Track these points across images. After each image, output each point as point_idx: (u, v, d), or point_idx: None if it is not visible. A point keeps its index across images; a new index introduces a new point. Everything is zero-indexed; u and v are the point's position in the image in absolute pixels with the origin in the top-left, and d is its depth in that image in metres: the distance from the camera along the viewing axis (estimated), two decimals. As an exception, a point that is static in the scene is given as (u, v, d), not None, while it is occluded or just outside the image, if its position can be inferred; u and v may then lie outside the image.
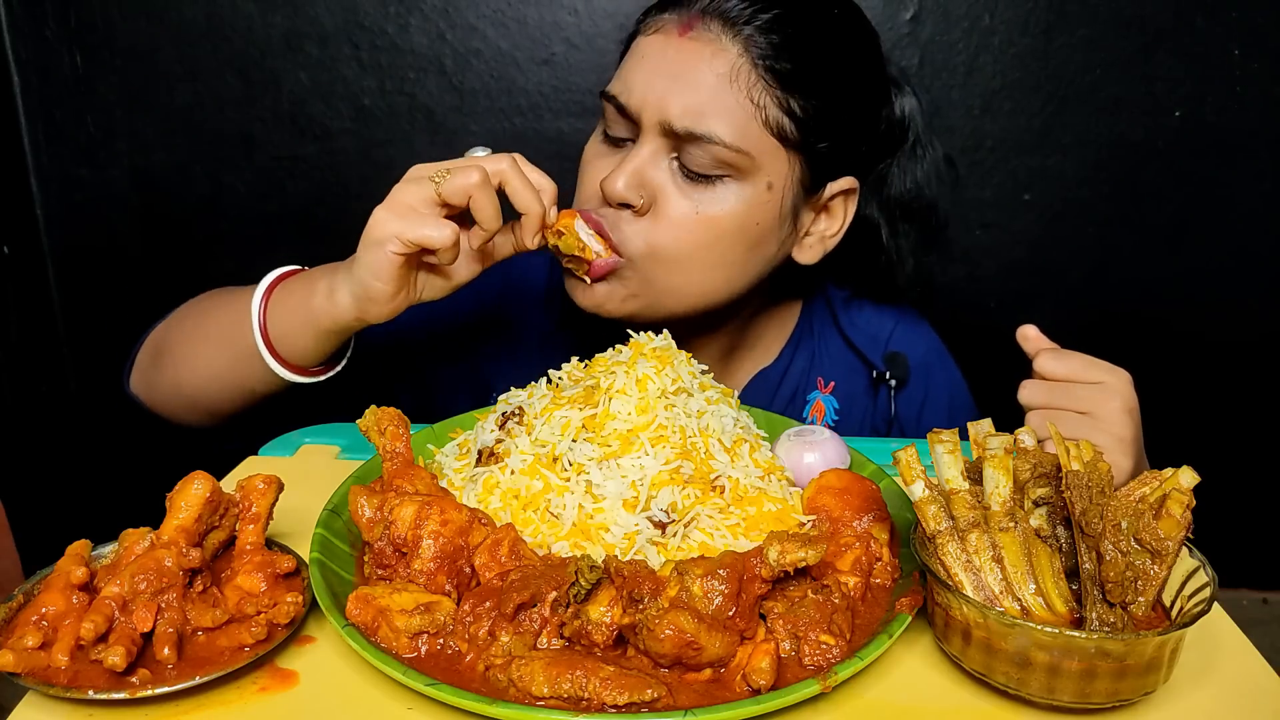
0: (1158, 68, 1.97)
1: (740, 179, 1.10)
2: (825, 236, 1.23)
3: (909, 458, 0.80)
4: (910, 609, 0.77)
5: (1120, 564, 0.71)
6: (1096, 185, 2.06)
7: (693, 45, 1.08)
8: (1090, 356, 1.01)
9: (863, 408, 1.36)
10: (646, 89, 1.10)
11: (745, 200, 1.11)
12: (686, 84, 1.08)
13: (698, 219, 1.10)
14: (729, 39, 1.08)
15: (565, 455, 0.89)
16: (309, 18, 1.98)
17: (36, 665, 0.69)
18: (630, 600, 0.72)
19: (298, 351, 1.07)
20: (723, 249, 1.13)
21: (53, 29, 2.00)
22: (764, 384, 1.34)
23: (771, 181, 1.11)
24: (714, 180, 1.10)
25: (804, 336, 1.37)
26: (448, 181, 0.97)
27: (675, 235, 1.11)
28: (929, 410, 1.36)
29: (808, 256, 1.23)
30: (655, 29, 1.13)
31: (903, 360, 1.34)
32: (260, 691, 0.71)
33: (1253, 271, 2.11)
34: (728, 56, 1.07)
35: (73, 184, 2.12)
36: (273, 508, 0.84)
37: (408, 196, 0.97)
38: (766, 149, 1.10)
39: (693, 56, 1.08)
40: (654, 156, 1.11)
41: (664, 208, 1.11)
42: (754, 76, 1.07)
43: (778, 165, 1.11)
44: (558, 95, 2.04)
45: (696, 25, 1.09)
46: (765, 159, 1.10)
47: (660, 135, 1.10)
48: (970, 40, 1.97)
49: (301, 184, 2.11)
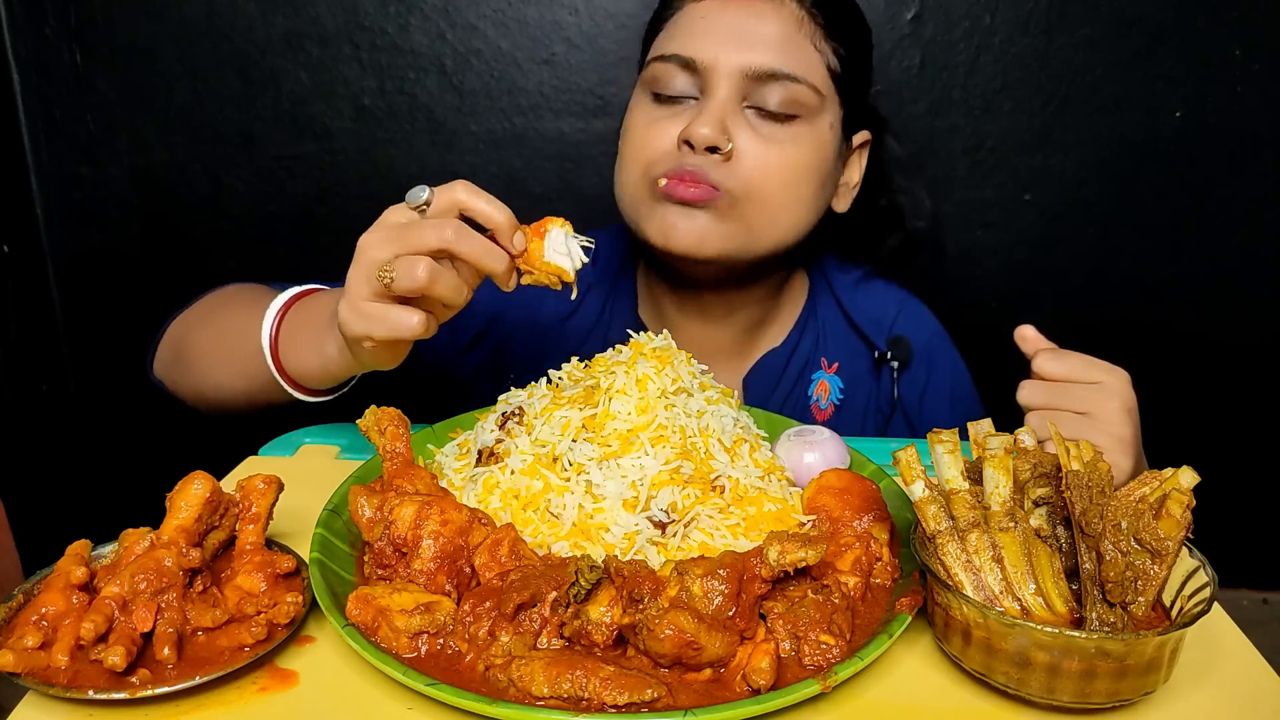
0: (1158, 68, 1.97)
1: (809, 120, 1.19)
2: (851, 186, 1.32)
3: (909, 458, 0.79)
4: (910, 609, 0.77)
5: (1120, 564, 0.71)
6: (1096, 185, 2.06)
7: (752, 5, 1.18)
8: (1089, 356, 1.01)
9: (866, 389, 1.38)
10: (719, 42, 1.17)
11: (816, 140, 1.20)
12: (760, 33, 1.17)
13: (780, 159, 1.18)
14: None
15: (565, 455, 0.89)
16: (309, 18, 1.98)
17: (36, 665, 0.69)
18: (630, 600, 0.72)
19: (312, 381, 1.05)
20: (802, 188, 1.21)
21: (53, 27, 2.00)
22: (773, 364, 1.37)
23: (832, 123, 1.22)
24: (788, 121, 1.18)
25: (810, 318, 1.40)
26: (396, 281, 0.86)
27: (764, 175, 1.18)
28: (930, 393, 1.38)
29: (841, 205, 1.32)
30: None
31: (905, 343, 1.38)
32: (260, 691, 0.71)
33: (1253, 271, 2.11)
34: (790, 9, 1.18)
35: (73, 183, 2.12)
36: (273, 508, 0.84)
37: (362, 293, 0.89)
38: (829, 91, 1.21)
39: (756, 14, 1.18)
40: (731, 103, 1.17)
41: (748, 149, 1.17)
42: (813, 25, 1.19)
43: (834, 108, 1.22)
44: (558, 95, 2.04)
45: None
46: (829, 100, 1.21)
47: (736, 84, 1.17)
48: (970, 40, 1.97)
49: (301, 184, 2.10)
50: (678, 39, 1.20)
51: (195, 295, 1.29)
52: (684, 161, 1.16)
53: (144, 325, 1.27)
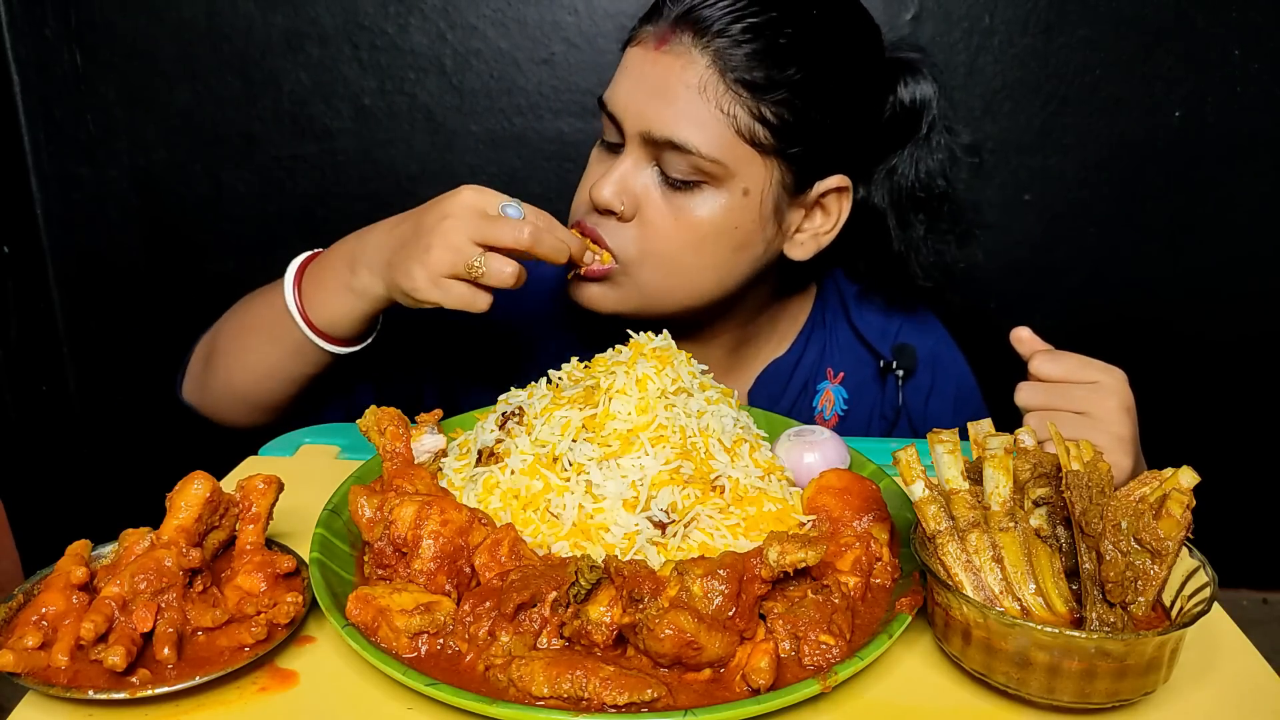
0: (1158, 68, 1.97)
1: (716, 185, 1.13)
2: (819, 234, 1.24)
3: (909, 458, 0.79)
4: (910, 609, 0.77)
5: (1120, 564, 0.71)
6: (1096, 185, 2.06)
7: (666, 59, 1.11)
8: (1084, 357, 1.01)
9: (871, 398, 1.37)
10: (628, 100, 1.14)
11: (722, 206, 1.14)
12: (661, 96, 1.11)
13: (679, 224, 1.14)
14: (698, 51, 1.10)
15: (565, 455, 0.89)
16: (309, 18, 1.98)
17: (36, 665, 0.69)
18: (630, 600, 0.72)
19: (346, 331, 1.13)
20: (706, 252, 1.16)
21: (52, 28, 2.00)
22: (777, 374, 1.36)
23: (748, 188, 1.14)
24: (692, 187, 1.13)
25: (816, 328, 1.39)
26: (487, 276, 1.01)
27: (660, 240, 1.14)
28: (935, 400, 1.37)
29: (800, 253, 1.24)
30: (638, 40, 1.16)
31: (910, 351, 1.35)
32: (260, 691, 0.71)
33: (1253, 271, 2.11)
34: (696, 69, 1.10)
35: (73, 183, 2.12)
36: (273, 508, 0.84)
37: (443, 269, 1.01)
38: (740, 156, 1.12)
39: (665, 70, 1.11)
40: (636, 165, 1.14)
41: (647, 214, 1.14)
42: (723, 87, 1.10)
43: (753, 171, 1.13)
44: (558, 95, 2.04)
45: (670, 39, 1.12)
46: (740, 166, 1.12)
47: (641, 144, 1.13)
48: (970, 40, 1.97)
49: (301, 184, 2.11)
50: (612, 85, 1.18)
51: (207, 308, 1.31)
52: (587, 217, 1.17)
53: (144, 325, 1.28)
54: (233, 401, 1.24)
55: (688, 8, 1.11)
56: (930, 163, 1.28)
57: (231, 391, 1.23)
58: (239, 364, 1.21)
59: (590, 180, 1.19)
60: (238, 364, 1.21)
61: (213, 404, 1.26)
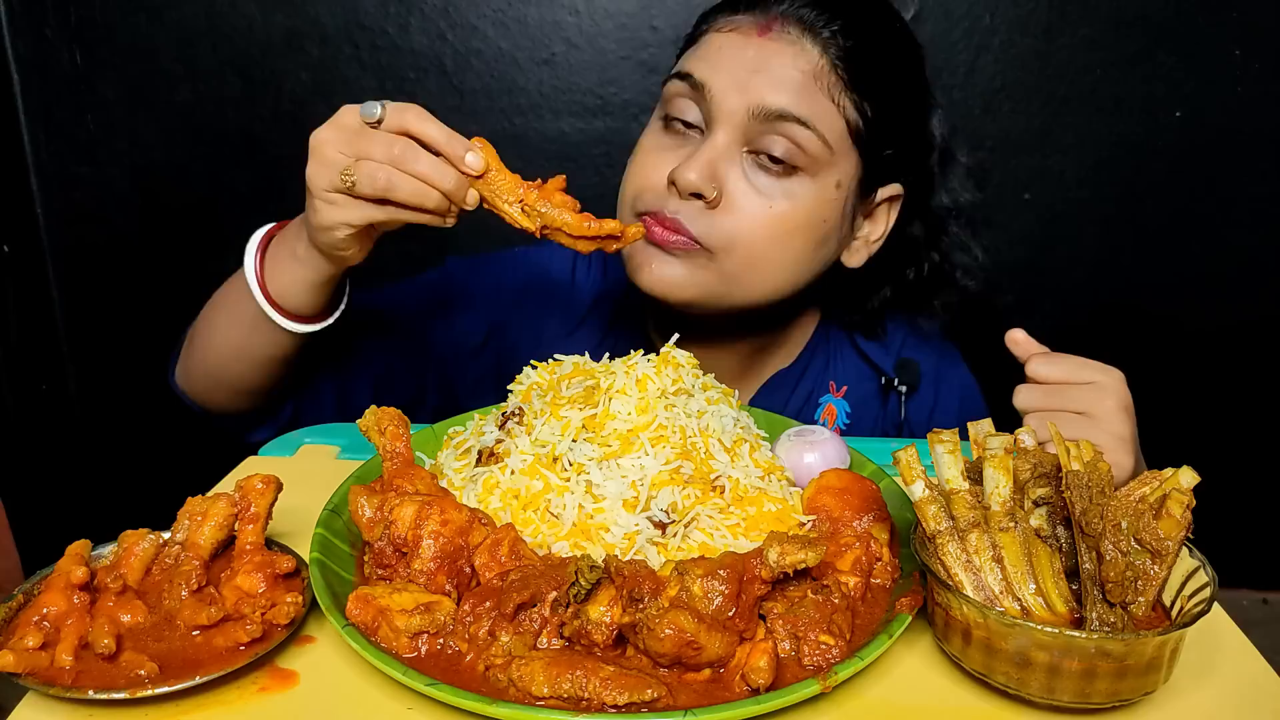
0: (1158, 68, 1.97)
1: (812, 175, 1.13)
2: (870, 241, 1.25)
3: (909, 458, 0.79)
4: (910, 609, 0.77)
5: (1120, 564, 0.71)
6: (1096, 185, 2.06)
7: (774, 45, 1.12)
8: (1081, 357, 1.01)
9: (873, 412, 1.37)
10: (731, 75, 1.12)
11: (816, 196, 1.14)
12: (774, 76, 1.11)
13: (770, 214, 1.13)
14: (809, 41, 1.12)
15: (565, 455, 0.89)
16: (309, 18, 1.98)
17: (37, 665, 0.69)
18: (630, 600, 0.72)
19: (298, 304, 1.09)
20: (793, 245, 1.15)
21: (53, 27, 2.00)
22: (782, 384, 1.36)
23: (840, 180, 1.15)
24: (789, 172, 1.12)
25: (821, 341, 1.39)
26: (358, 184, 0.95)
27: (751, 228, 1.13)
28: (939, 416, 1.37)
29: (854, 260, 1.25)
30: (730, 28, 1.16)
31: (914, 367, 1.35)
32: (260, 691, 0.71)
33: (1253, 271, 2.11)
34: (810, 56, 1.11)
35: (73, 182, 2.11)
36: (272, 507, 0.84)
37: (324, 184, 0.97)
38: (843, 147, 1.14)
39: (776, 54, 1.12)
40: (728, 148, 1.12)
41: (736, 200, 1.12)
42: (834, 77, 1.12)
43: (847, 164, 1.15)
44: (558, 95, 2.04)
45: (775, 27, 1.13)
46: (840, 156, 1.14)
47: (739, 125, 1.12)
48: (970, 40, 1.97)
49: (301, 184, 2.10)
50: (694, 61, 1.16)
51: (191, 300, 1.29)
52: (668, 204, 1.13)
53: (144, 325, 1.28)
54: (210, 384, 1.21)
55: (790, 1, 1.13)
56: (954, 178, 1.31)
57: (207, 373, 1.20)
58: (210, 344, 1.18)
59: (660, 165, 1.14)
60: (209, 344, 1.19)
61: (195, 387, 1.23)
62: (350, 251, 1.02)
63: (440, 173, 0.94)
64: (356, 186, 0.94)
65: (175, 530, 0.82)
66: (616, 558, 0.76)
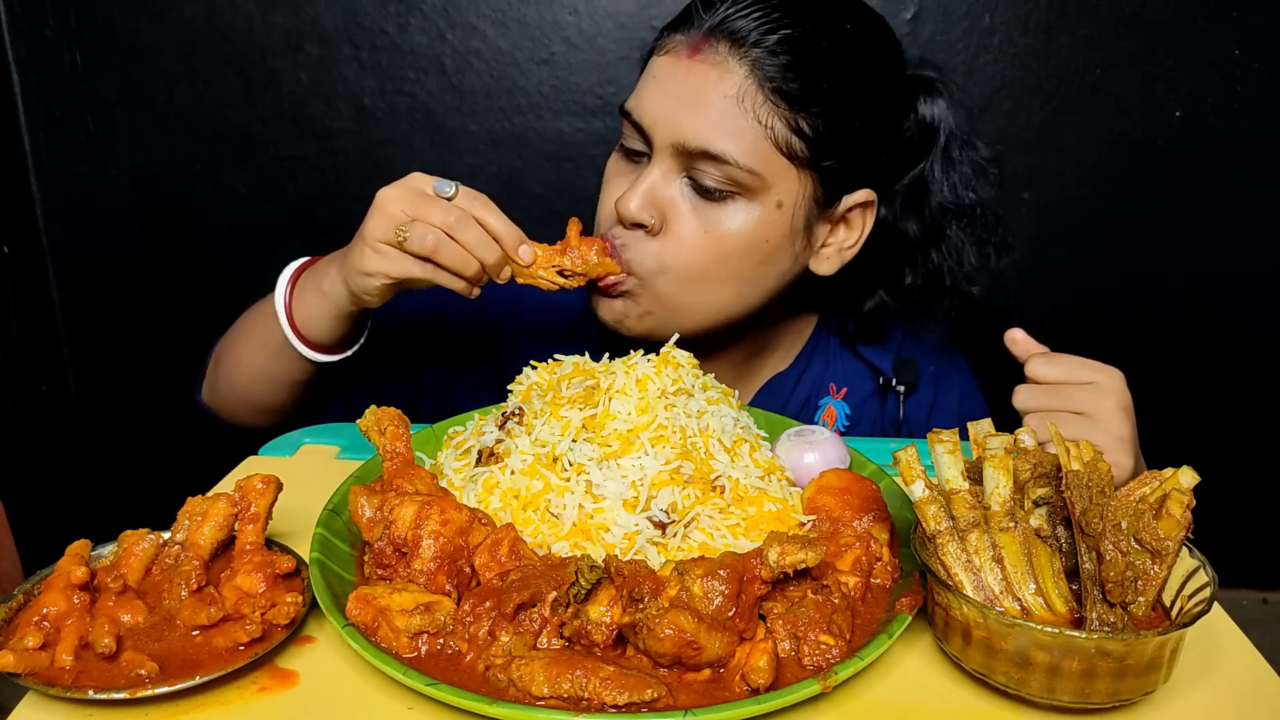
0: (1158, 68, 1.97)
1: (750, 198, 1.11)
2: (843, 248, 1.23)
3: (909, 458, 0.79)
4: (910, 609, 0.77)
5: (1120, 564, 0.71)
6: (1096, 185, 2.06)
7: (700, 67, 1.09)
8: (1080, 357, 1.01)
9: (872, 413, 1.37)
10: (658, 109, 1.11)
11: (755, 218, 1.12)
12: (696, 105, 1.09)
13: (708, 237, 1.12)
14: (735, 60, 1.08)
15: (565, 455, 0.89)
16: (309, 18, 1.98)
17: (37, 665, 0.69)
18: (630, 600, 0.72)
19: (319, 334, 1.16)
20: (734, 265, 1.14)
21: (53, 27, 2.00)
22: (780, 387, 1.35)
23: (781, 200, 1.12)
24: (724, 198, 1.11)
25: (819, 343, 1.38)
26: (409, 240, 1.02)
27: (687, 253, 1.12)
28: (939, 415, 1.37)
29: (825, 268, 1.23)
30: (667, 49, 1.14)
31: (912, 365, 1.35)
32: (260, 691, 0.71)
33: (1252, 271, 2.11)
34: (734, 78, 1.08)
35: (73, 183, 2.12)
36: (272, 507, 0.84)
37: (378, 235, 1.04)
38: (776, 168, 1.10)
39: (700, 78, 1.09)
40: (665, 176, 1.12)
41: (675, 227, 1.12)
42: (760, 98, 1.08)
43: (787, 183, 1.12)
44: (558, 95, 2.04)
45: (704, 48, 1.10)
46: (775, 178, 1.11)
47: (672, 155, 1.11)
48: (970, 40, 1.97)
49: (301, 184, 2.11)
50: (638, 95, 1.15)
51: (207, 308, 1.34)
52: (613, 230, 1.15)
53: (144, 325, 1.28)
54: (236, 403, 1.28)
55: (722, 17, 1.09)
56: (955, 176, 1.27)
57: (234, 394, 1.27)
58: (237, 367, 1.25)
59: (613, 192, 1.16)
60: (236, 367, 1.25)
61: (223, 406, 1.31)
62: (376, 298, 1.08)
63: (487, 248, 1.04)
64: (407, 243, 1.02)
65: (175, 530, 0.82)
66: (616, 558, 0.76)
